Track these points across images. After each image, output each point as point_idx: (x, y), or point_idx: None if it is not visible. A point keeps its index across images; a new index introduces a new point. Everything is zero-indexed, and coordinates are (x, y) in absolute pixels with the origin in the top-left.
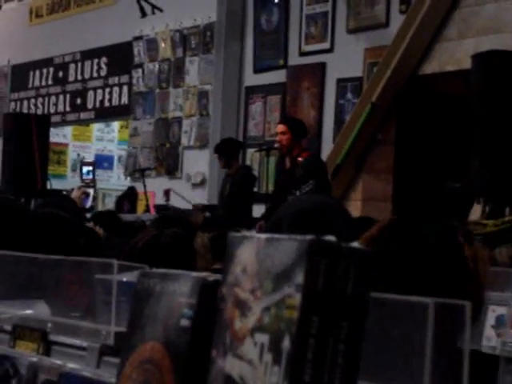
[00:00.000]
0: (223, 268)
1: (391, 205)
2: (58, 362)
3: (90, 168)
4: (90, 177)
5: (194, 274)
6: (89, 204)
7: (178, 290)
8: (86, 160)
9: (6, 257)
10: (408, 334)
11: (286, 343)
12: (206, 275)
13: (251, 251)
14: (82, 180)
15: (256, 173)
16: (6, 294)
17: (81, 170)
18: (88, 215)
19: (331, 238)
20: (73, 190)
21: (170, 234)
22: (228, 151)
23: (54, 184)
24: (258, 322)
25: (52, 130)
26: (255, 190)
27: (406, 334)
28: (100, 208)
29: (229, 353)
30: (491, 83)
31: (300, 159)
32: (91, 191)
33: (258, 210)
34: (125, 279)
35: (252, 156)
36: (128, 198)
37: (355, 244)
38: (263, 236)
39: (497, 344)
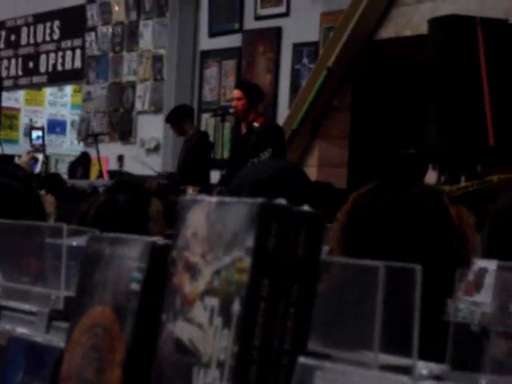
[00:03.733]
0: (174, 232)
1: (346, 171)
2: (8, 326)
3: (40, 133)
4: (40, 142)
5: (144, 238)
6: (38, 170)
7: (128, 254)
8: (36, 125)
9: None
10: (360, 297)
11: (236, 307)
12: (156, 239)
13: (202, 215)
14: (32, 145)
15: (211, 138)
16: None
17: (30, 134)
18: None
19: (282, 201)
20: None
21: (122, 199)
22: (179, 118)
23: (6, 149)
24: (208, 285)
25: (4, 94)
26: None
27: (357, 297)
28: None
29: (179, 317)
30: (447, 48)
31: (256, 124)
32: (40, 156)
33: (214, 176)
34: (74, 243)
35: (207, 121)
36: (81, 164)
37: (306, 207)
38: (214, 199)
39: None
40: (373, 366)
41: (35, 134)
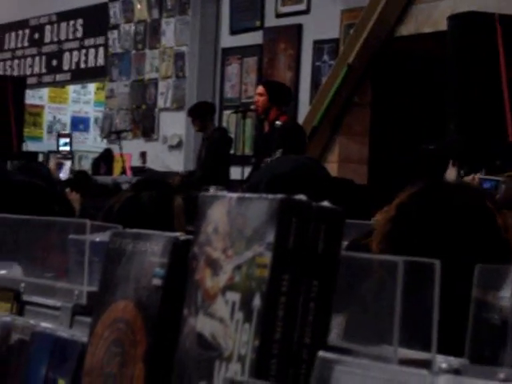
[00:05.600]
0: (195, 228)
1: (367, 167)
2: (31, 321)
3: (67, 140)
4: (67, 148)
5: (166, 233)
6: (65, 176)
7: (150, 250)
8: (63, 132)
9: None
10: (380, 293)
11: (257, 301)
12: (177, 235)
13: (222, 211)
14: (59, 151)
15: (232, 135)
16: None
17: (58, 141)
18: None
19: (302, 197)
20: (49, 153)
21: (146, 195)
22: (201, 114)
23: (30, 146)
24: (229, 280)
25: (28, 91)
26: (232, 152)
27: (378, 293)
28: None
29: (200, 311)
30: (467, 45)
31: (278, 123)
32: (68, 163)
33: (235, 173)
34: (97, 239)
35: (228, 118)
36: (104, 160)
37: (325, 203)
38: (234, 196)
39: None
40: (392, 360)
41: (62, 141)
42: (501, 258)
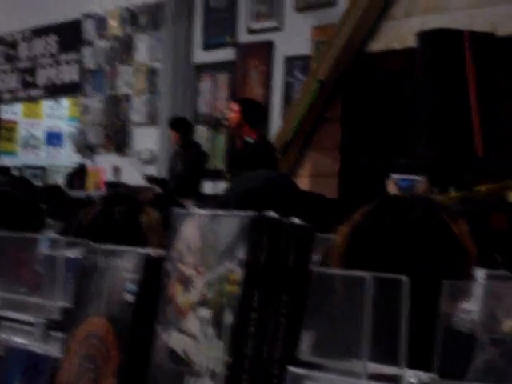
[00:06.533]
0: (167, 244)
1: (338, 181)
2: (5, 336)
3: None
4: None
5: (138, 249)
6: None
7: (123, 266)
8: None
9: None
10: (349, 308)
11: (228, 317)
12: (149, 251)
13: (195, 227)
14: None
15: (205, 149)
16: None
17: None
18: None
19: (272, 214)
20: (23, 168)
21: (116, 210)
22: (183, 126)
23: (4, 161)
24: (201, 296)
25: (2, 107)
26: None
27: (346, 308)
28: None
29: (172, 327)
30: (436, 61)
31: (249, 139)
32: None
33: (207, 187)
34: (70, 255)
35: (201, 133)
36: (78, 175)
37: (295, 219)
38: (206, 212)
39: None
40: (362, 375)
41: None
42: (461, 266)
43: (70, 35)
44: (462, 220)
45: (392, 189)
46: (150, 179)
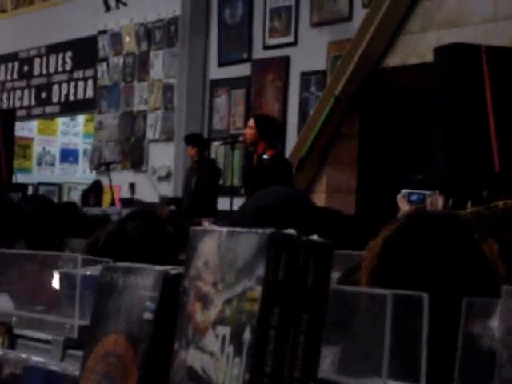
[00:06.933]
0: (185, 261)
1: (355, 197)
2: (23, 355)
3: None
4: None
5: (157, 267)
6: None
7: (141, 284)
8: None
9: None
10: (369, 325)
11: (247, 335)
12: (168, 269)
13: (213, 245)
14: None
15: (221, 166)
16: None
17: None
18: None
19: (291, 231)
20: (39, 185)
21: (131, 226)
22: (200, 142)
23: (20, 178)
24: (219, 314)
25: (17, 124)
26: (220, 182)
27: (367, 325)
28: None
29: (191, 345)
30: (453, 76)
31: (265, 157)
32: None
33: (223, 203)
34: (88, 273)
35: (217, 149)
36: (94, 192)
37: (315, 237)
38: (224, 230)
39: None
40: None
41: None
42: (489, 287)
43: (85, 52)
44: (492, 239)
45: (402, 204)
46: (166, 200)
